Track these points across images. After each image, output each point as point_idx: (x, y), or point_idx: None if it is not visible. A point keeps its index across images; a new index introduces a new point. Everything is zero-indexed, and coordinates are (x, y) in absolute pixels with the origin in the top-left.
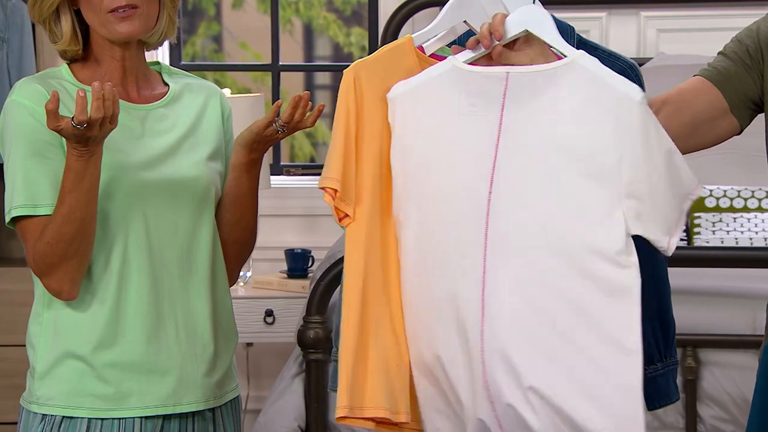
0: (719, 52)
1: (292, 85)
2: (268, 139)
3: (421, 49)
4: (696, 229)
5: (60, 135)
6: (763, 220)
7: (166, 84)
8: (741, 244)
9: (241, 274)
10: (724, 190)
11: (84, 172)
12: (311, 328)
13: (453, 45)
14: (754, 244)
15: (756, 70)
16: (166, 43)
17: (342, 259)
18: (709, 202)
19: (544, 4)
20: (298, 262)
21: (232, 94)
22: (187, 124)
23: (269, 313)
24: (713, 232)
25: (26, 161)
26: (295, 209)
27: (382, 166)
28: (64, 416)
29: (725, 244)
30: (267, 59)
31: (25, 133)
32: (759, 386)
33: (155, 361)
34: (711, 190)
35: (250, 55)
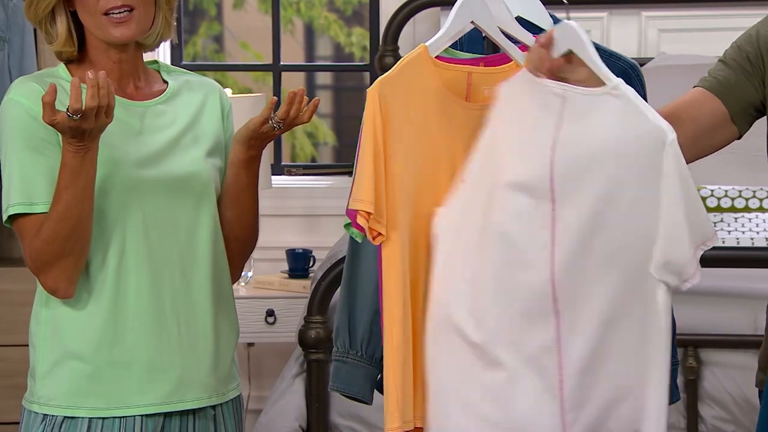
0: (719, 60)
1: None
2: (265, 135)
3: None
4: None
5: (56, 129)
6: (765, 220)
7: (165, 81)
8: (742, 244)
9: (242, 273)
10: (726, 190)
11: (80, 169)
12: (312, 328)
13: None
14: (756, 245)
15: (757, 77)
16: (167, 44)
17: (343, 260)
18: (711, 202)
19: (544, 4)
20: (299, 262)
21: (233, 94)
22: (186, 121)
23: (270, 313)
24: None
25: (23, 159)
26: (296, 209)
27: (410, 184)
28: (65, 416)
29: (726, 244)
30: (268, 59)
31: (21, 131)
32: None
33: (156, 359)
34: (712, 190)
35: (251, 55)
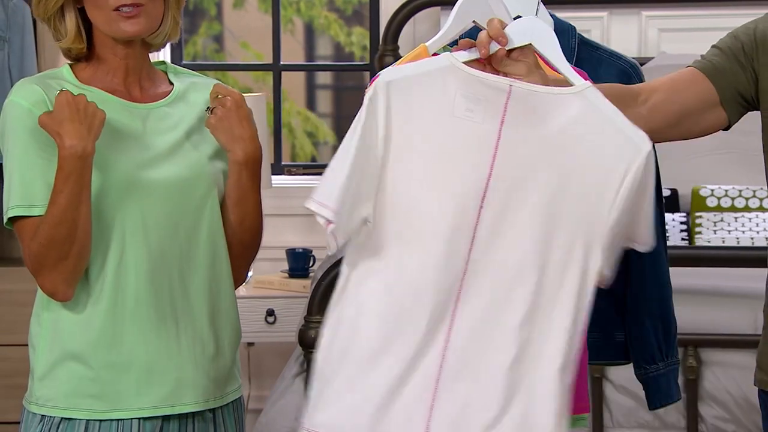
0: (713, 45)
1: (294, 84)
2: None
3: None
4: (697, 229)
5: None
6: (765, 220)
7: (172, 83)
8: (742, 244)
9: None
10: (726, 190)
11: (74, 173)
12: (312, 328)
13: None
14: (756, 244)
15: (750, 69)
16: (168, 43)
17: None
18: (711, 202)
19: (544, 4)
20: (299, 262)
21: None
22: (191, 123)
23: (270, 313)
24: (714, 231)
25: (23, 161)
26: (297, 209)
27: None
28: (62, 418)
29: (726, 244)
30: (268, 59)
31: (22, 134)
32: None
33: (154, 362)
34: (712, 190)
35: (251, 55)
